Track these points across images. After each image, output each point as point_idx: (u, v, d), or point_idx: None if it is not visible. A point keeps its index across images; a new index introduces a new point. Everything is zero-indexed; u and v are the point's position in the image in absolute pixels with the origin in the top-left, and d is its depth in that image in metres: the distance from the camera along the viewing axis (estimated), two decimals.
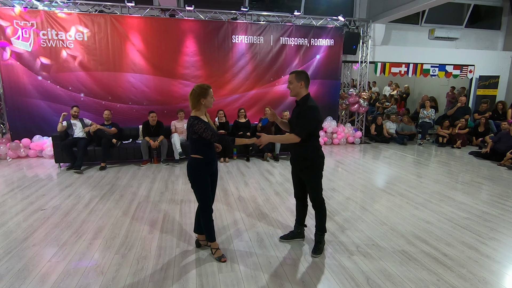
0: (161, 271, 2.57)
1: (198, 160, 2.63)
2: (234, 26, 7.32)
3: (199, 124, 2.55)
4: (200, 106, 2.63)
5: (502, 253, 2.89)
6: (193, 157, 2.64)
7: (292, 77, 2.69)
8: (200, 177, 2.64)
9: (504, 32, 9.66)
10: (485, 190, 4.71)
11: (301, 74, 2.70)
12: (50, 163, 6.09)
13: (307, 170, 2.73)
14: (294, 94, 2.73)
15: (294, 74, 2.70)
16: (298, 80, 2.67)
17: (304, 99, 2.69)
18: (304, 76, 2.70)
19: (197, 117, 2.61)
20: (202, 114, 2.67)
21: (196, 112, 2.64)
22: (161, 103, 7.20)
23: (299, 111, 2.68)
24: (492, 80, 9.49)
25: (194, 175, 2.65)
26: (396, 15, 7.44)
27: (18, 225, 3.41)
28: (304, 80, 2.69)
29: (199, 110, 2.64)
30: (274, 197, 4.34)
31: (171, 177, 5.28)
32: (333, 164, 6.26)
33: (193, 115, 2.62)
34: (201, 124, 2.55)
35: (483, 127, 8.08)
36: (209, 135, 2.56)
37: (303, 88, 2.70)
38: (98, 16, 6.60)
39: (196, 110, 2.64)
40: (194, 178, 2.66)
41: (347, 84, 9.01)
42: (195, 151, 2.63)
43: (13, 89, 6.48)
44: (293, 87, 2.69)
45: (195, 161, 2.64)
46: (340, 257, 2.79)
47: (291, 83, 2.70)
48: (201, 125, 2.54)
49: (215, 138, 2.59)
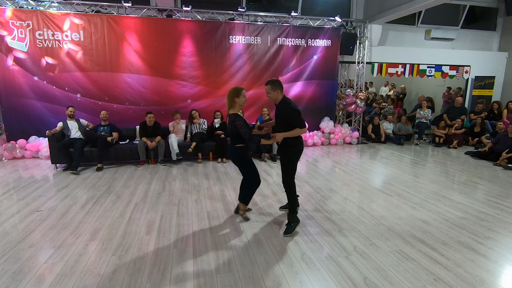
0: (158, 272, 2.56)
1: (242, 148, 3.27)
2: (231, 27, 7.32)
3: (239, 120, 3.12)
4: (235, 104, 3.19)
5: (498, 252, 2.91)
6: (237, 147, 3.27)
7: (268, 88, 3.15)
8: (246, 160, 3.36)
9: (499, 33, 9.74)
10: (481, 190, 4.74)
11: (275, 83, 3.15)
12: (46, 164, 6.05)
13: (288, 153, 3.25)
14: (273, 100, 3.21)
15: (270, 85, 3.14)
16: (274, 89, 3.13)
17: (283, 102, 3.18)
18: (278, 84, 3.16)
19: (237, 114, 3.16)
20: (238, 111, 3.23)
21: (233, 110, 3.20)
22: (158, 103, 7.18)
23: (283, 111, 3.14)
24: (487, 81, 9.56)
25: (242, 160, 3.34)
26: (393, 16, 7.48)
27: (14, 226, 3.38)
28: (279, 88, 3.15)
29: (235, 108, 3.21)
30: (272, 197, 4.34)
31: (169, 178, 5.26)
32: (331, 165, 6.27)
33: (232, 113, 3.18)
34: (240, 121, 3.12)
35: (479, 127, 8.13)
36: (244, 131, 3.14)
37: (279, 94, 3.16)
38: (94, 16, 6.56)
39: (232, 108, 3.20)
40: (242, 163, 3.36)
41: (344, 85, 9.04)
42: (238, 142, 3.25)
43: (9, 90, 6.43)
44: (271, 95, 3.16)
45: (240, 149, 3.27)
46: (338, 257, 2.79)
47: (269, 93, 3.16)
48: (240, 122, 3.12)
49: (247, 136, 3.15)
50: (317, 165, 6.24)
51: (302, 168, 6.01)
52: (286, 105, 3.13)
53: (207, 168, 5.97)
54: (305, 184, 4.93)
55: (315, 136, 8.11)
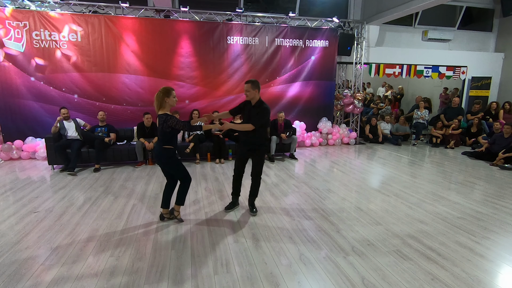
0: (156, 273, 2.55)
1: (171, 150, 3.26)
2: (229, 27, 7.32)
3: (171, 119, 3.12)
4: (165, 104, 3.18)
5: (495, 252, 2.92)
6: (165, 148, 3.23)
7: (248, 87, 3.44)
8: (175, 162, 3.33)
9: (495, 33, 9.81)
10: (478, 190, 4.76)
11: (255, 83, 3.47)
12: (43, 165, 6.02)
13: (258, 151, 3.64)
14: (250, 98, 3.51)
15: (250, 84, 3.44)
16: (253, 88, 3.45)
17: (260, 102, 3.53)
18: (257, 84, 3.49)
19: (167, 113, 3.16)
20: (168, 111, 3.21)
21: (163, 110, 3.18)
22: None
23: (257, 111, 3.49)
24: (484, 81, 9.61)
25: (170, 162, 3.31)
26: (390, 17, 7.51)
27: (10, 228, 3.36)
28: (258, 88, 3.48)
29: (165, 108, 3.19)
30: (270, 197, 4.34)
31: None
32: (329, 165, 6.28)
33: (162, 113, 3.16)
34: (173, 119, 3.12)
35: (475, 127, 8.18)
36: (181, 125, 3.17)
37: (257, 94, 3.50)
38: (92, 16, 6.54)
39: (162, 108, 3.18)
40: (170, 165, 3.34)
41: (341, 85, 9.06)
42: (167, 143, 3.23)
43: (5, 90, 6.39)
44: (250, 94, 3.47)
45: (167, 151, 3.25)
46: (336, 257, 2.80)
47: (248, 91, 3.45)
48: (174, 120, 3.13)
49: (186, 128, 3.20)
50: (315, 165, 6.25)
51: (300, 169, 6.02)
52: (264, 108, 3.49)
53: (205, 168, 5.97)
54: (303, 185, 4.93)
55: (313, 136, 8.12)
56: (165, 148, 3.24)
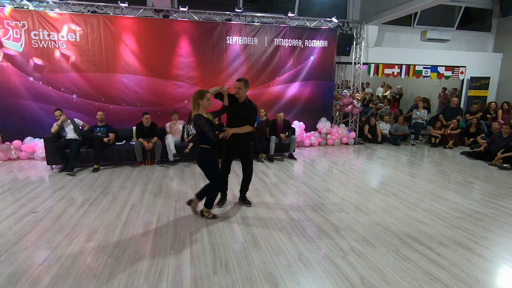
0: (155, 274, 2.55)
1: (207, 149, 3.35)
2: (228, 27, 7.32)
3: (200, 119, 3.22)
4: (199, 106, 3.26)
5: (494, 252, 2.93)
6: (202, 147, 3.34)
7: (241, 85, 3.55)
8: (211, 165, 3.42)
9: (494, 34, 9.83)
10: (477, 190, 4.77)
11: (247, 82, 3.62)
12: (42, 165, 6.01)
13: (247, 149, 3.79)
14: (240, 96, 3.60)
15: (243, 82, 3.56)
16: (245, 87, 3.58)
17: (248, 100, 3.68)
18: (248, 83, 3.65)
19: (200, 114, 3.25)
20: (202, 112, 3.29)
21: (197, 111, 3.28)
22: (155, 104, 7.15)
23: (249, 109, 3.63)
24: (483, 81, 9.63)
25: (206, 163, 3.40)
26: (389, 17, 7.52)
27: (9, 228, 3.35)
28: (247, 87, 3.65)
29: (199, 109, 3.28)
30: (269, 197, 4.34)
31: (165, 179, 5.25)
32: (328, 165, 6.28)
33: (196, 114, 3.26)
34: (202, 120, 3.23)
35: (474, 127, 8.20)
36: (207, 129, 3.24)
37: (245, 93, 3.63)
38: (91, 16, 6.53)
39: (196, 109, 3.28)
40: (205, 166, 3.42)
41: (340, 85, 9.06)
42: (203, 142, 3.33)
43: (4, 90, 6.37)
44: (241, 92, 3.57)
45: (204, 150, 3.35)
46: (335, 257, 2.80)
47: (240, 89, 3.55)
48: (202, 120, 3.22)
49: (210, 133, 3.25)
50: (314, 165, 6.26)
51: (299, 169, 6.02)
52: (254, 107, 3.66)
53: None
54: (302, 185, 4.94)
55: (312, 136, 8.13)
56: (202, 147, 3.37)
